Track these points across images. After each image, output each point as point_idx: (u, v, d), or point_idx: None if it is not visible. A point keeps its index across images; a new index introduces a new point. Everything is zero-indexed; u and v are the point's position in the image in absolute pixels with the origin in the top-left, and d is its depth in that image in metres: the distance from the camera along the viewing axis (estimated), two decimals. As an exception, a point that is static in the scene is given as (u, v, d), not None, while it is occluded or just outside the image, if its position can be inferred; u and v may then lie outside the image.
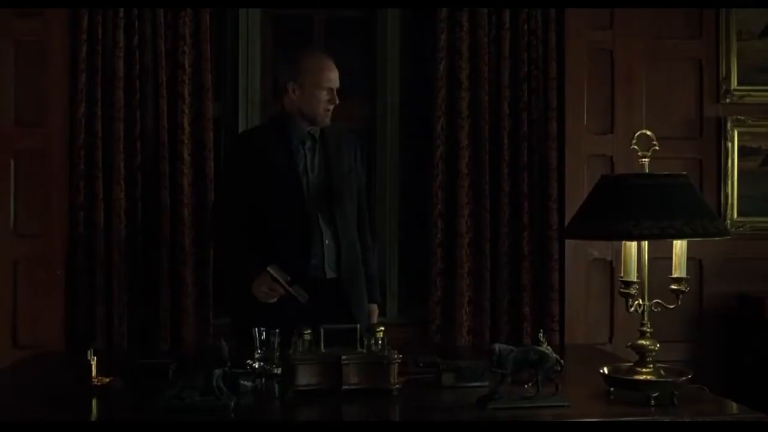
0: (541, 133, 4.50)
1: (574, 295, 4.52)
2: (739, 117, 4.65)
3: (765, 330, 4.31)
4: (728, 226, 4.61)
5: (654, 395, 2.47)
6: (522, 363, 2.50)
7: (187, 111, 4.32)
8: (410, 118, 4.79)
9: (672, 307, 2.49)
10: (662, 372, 2.52)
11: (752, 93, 4.67)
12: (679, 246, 2.45)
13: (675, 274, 2.46)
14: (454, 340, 4.45)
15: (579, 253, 4.50)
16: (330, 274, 3.42)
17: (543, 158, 4.49)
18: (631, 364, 2.56)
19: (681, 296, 2.49)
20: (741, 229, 4.66)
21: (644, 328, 2.50)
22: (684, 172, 2.45)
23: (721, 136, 4.65)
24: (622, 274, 2.48)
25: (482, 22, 4.49)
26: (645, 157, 2.48)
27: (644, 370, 2.51)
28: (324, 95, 3.36)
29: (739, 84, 4.66)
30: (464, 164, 4.45)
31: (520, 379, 2.59)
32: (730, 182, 4.64)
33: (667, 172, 2.47)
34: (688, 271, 3.97)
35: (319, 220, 3.39)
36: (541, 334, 2.66)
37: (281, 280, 3.24)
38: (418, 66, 4.77)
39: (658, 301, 2.49)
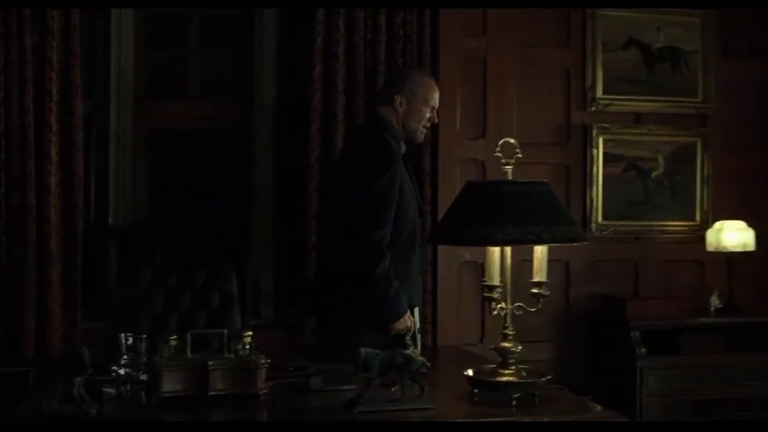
0: (416, 137, 4.56)
1: (446, 297, 4.60)
2: (603, 125, 4.83)
3: (625, 330, 4.48)
4: (593, 230, 4.80)
5: (516, 396, 2.55)
6: (388, 366, 2.53)
7: (54, 108, 4.19)
8: (286, 119, 4.78)
9: (533, 310, 2.57)
10: (524, 373, 2.60)
11: (616, 102, 4.86)
12: (540, 251, 2.53)
13: (536, 279, 2.55)
14: (328, 342, 4.45)
15: (451, 255, 4.58)
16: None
17: (416, 162, 4.55)
18: (495, 365, 2.62)
19: (542, 299, 2.57)
20: (605, 232, 4.84)
21: (507, 331, 2.58)
22: (545, 180, 2.53)
23: (587, 142, 4.82)
24: (485, 279, 2.55)
25: (358, 25, 4.52)
26: (508, 164, 2.55)
27: (506, 371, 2.58)
28: (426, 113, 3.47)
29: (604, 93, 4.85)
30: (339, 167, 4.47)
31: (388, 381, 2.62)
32: (595, 187, 4.82)
33: (529, 180, 2.54)
34: (555, 274, 4.13)
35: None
36: (407, 338, 2.70)
37: (416, 323, 3.30)
38: (294, 68, 4.76)
39: (520, 304, 2.57)
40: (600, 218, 4.83)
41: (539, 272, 2.54)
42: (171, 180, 4.95)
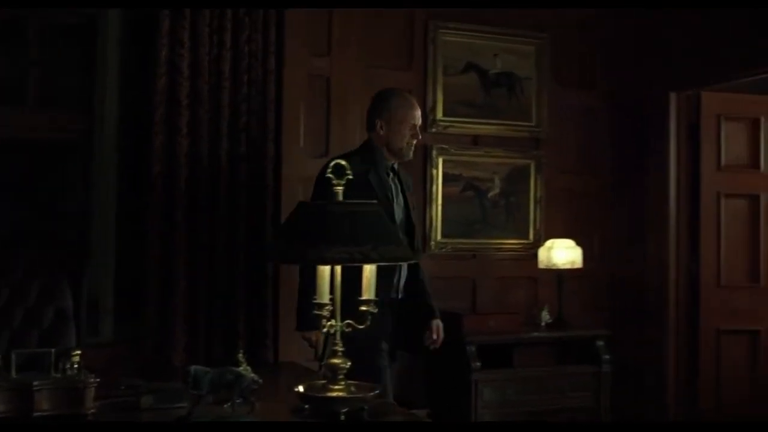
0: (258, 154, 4.59)
1: (287, 312, 4.62)
2: (443, 146, 5.01)
3: (462, 344, 4.65)
4: (432, 248, 4.97)
5: (344, 411, 2.61)
6: (218, 383, 2.55)
7: None
8: (129, 133, 4.71)
9: (362, 327, 2.64)
10: (353, 388, 2.66)
11: (455, 124, 5.05)
12: (369, 270, 2.61)
13: (364, 296, 2.62)
14: (171, 358, 4.42)
15: (293, 270, 4.61)
16: (399, 295, 3.76)
17: (260, 179, 4.58)
18: (325, 381, 2.68)
19: (371, 317, 2.65)
20: (444, 250, 5.01)
21: (336, 348, 2.63)
22: (374, 201, 2.62)
23: (427, 162, 4.98)
24: (316, 297, 2.60)
25: (204, 40, 4.51)
26: (339, 185, 2.62)
27: (336, 387, 2.63)
28: (408, 131, 3.73)
29: (444, 115, 5.03)
30: (182, 182, 4.44)
31: (220, 399, 2.64)
32: (435, 206, 4.99)
33: (358, 201, 2.62)
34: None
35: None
36: (240, 354, 2.73)
37: (328, 350, 3.00)
38: (138, 81, 4.70)
39: (350, 321, 2.63)
40: (439, 236, 5.00)
41: (368, 290, 2.61)
42: (5, 192, 4.78)
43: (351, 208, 2.56)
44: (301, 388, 2.70)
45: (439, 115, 5.01)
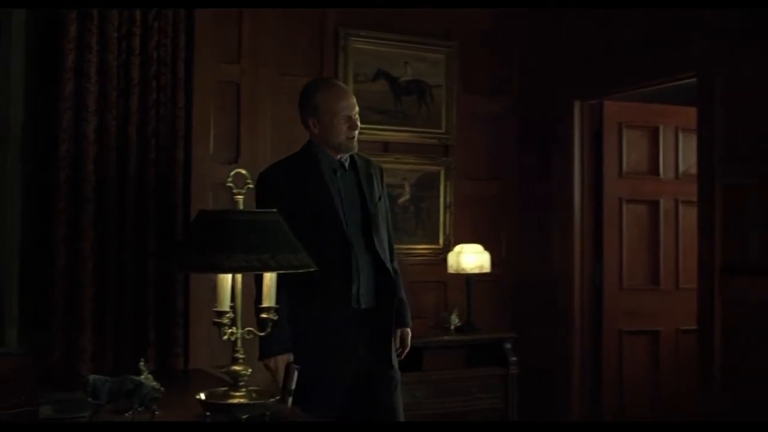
0: (168, 160, 4.57)
1: (198, 319, 4.62)
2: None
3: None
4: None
5: (245, 417, 2.64)
6: (117, 392, 2.56)
7: None
8: (35, 139, 4.64)
9: (262, 335, 2.68)
10: (254, 395, 2.70)
11: (366, 131, 5.03)
12: (269, 278, 2.64)
13: (265, 304, 2.65)
14: (78, 367, 4.36)
15: (202, 278, 4.61)
16: (366, 304, 3.41)
17: (170, 185, 4.56)
18: (226, 388, 2.70)
19: (271, 323, 2.68)
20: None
21: (237, 355, 2.66)
22: (274, 209, 2.65)
23: (338, 169, 5.02)
24: (216, 305, 2.63)
25: (112, 46, 4.47)
26: (240, 194, 2.65)
27: (237, 394, 2.66)
28: (343, 124, 3.42)
29: (355, 121, 5.06)
30: (90, 188, 4.39)
31: (121, 408, 2.65)
32: (346, 212, 5.02)
33: (258, 210, 2.65)
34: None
35: (354, 248, 3.37)
36: (141, 363, 2.74)
37: (289, 381, 2.97)
38: (44, 86, 4.63)
39: (251, 329, 2.67)
40: (350, 242, 5.03)
41: (268, 298, 2.65)
42: None
43: (250, 217, 2.59)
44: (202, 396, 2.72)
45: (351, 120, 5.05)
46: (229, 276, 2.62)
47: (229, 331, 2.64)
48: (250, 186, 2.69)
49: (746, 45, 4.19)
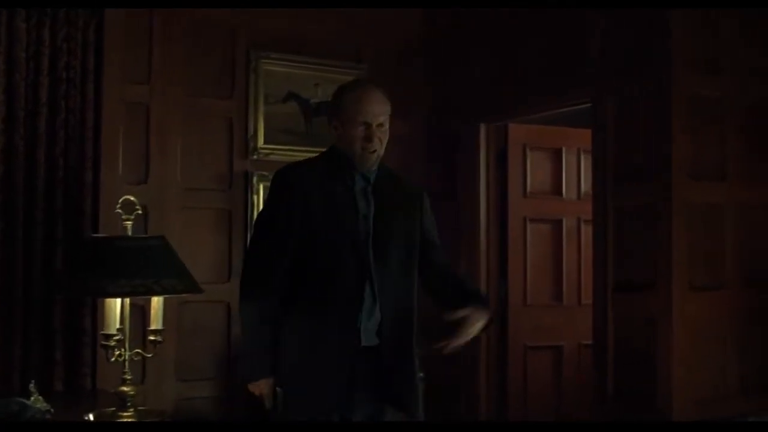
0: (76, 181, 4.60)
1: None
2: (263, 172, 5.13)
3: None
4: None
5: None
6: (2, 414, 2.60)
7: None
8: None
9: (150, 356, 2.75)
10: (142, 414, 2.77)
11: (276, 151, 5.19)
12: (156, 301, 2.73)
13: (152, 326, 2.73)
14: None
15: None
16: (367, 341, 2.81)
17: (78, 206, 4.59)
18: (115, 408, 2.77)
19: (158, 344, 2.76)
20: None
21: (125, 376, 2.74)
22: (161, 234, 2.73)
23: (248, 189, 5.10)
24: (103, 329, 2.70)
25: (20, 67, 4.50)
26: (128, 220, 2.72)
27: (125, 414, 2.74)
28: (359, 132, 2.81)
29: (265, 143, 5.16)
30: (-3, 207, 4.42)
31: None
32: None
33: (146, 235, 2.73)
34: (216, 316, 4.34)
35: (373, 273, 2.84)
36: (31, 385, 2.79)
37: (277, 404, 2.74)
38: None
39: (139, 350, 2.74)
40: (262, 260, 5.11)
41: (155, 321, 2.73)
42: None
43: (137, 243, 2.67)
44: (91, 416, 2.78)
45: (260, 142, 5.15)
46: (117, 300, 2.69)
47: (117, 353, 2.71)
48: (139, 212, 2.77)
49: (633, 73, 4.39)
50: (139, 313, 4.51)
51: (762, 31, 4.49)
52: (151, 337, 2.75)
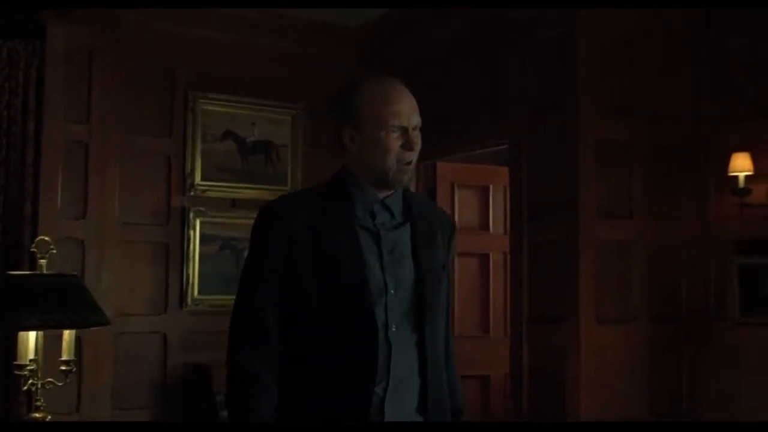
0: (16, 215, 4.77)
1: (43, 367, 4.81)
2: (200, 208, 5.34)
3: (211, 395, 4.96)
4: (189, 304, 5.27)
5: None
6: None
7: None
8: None
9: (61, 384, 2.93)
10: (55, 441, 2.94)
11: (213, 188, 5.40)
12: (68, 334, 2.91)
13: (64, 357, 2.91)
14: None
15: (46, 329, 4.81)
16: (393, 415, 2.12)
17: (17, 239, 4.76)
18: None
19: (69, 374, 2.94)
20: (200, 306, 5.31)
21: (38, 403, 2.91)
22: (75, 273, 2.92)
23: (185, 224, 5.29)
24: (17, 359, 2.88)
25: (-41, 105, 4.69)
26: (43, 258, 2.91)
27: (39, 440, 2.91)
28: (394, 140, 2.12)
29: (202, 179, 5.37)
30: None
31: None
32: (192, 264, 5.29)
33: (59, 272, 2.92)
34: (153, 346, 4.50)
35: (390, 336, 2.10)
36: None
37: None
38: None
39: (51, 380, 2.92)
40: (196, 293, 5.30)
41: (67, 352, 2.91)
42: None
43: (51, 280, 2.86)
44: (6, 443, 2.94)
45: (198, 179, 5.34)
46: (31, 333, 2.88)
47: (30, 381, 2.89)
48: (54, 251, 2.95)
49: (546, 117, 4.66)
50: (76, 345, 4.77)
51: (673, 79, 4.78)
52: (63, 367, 2.92)
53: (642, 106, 4.69)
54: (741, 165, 4.47)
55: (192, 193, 5.34)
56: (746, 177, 4.47)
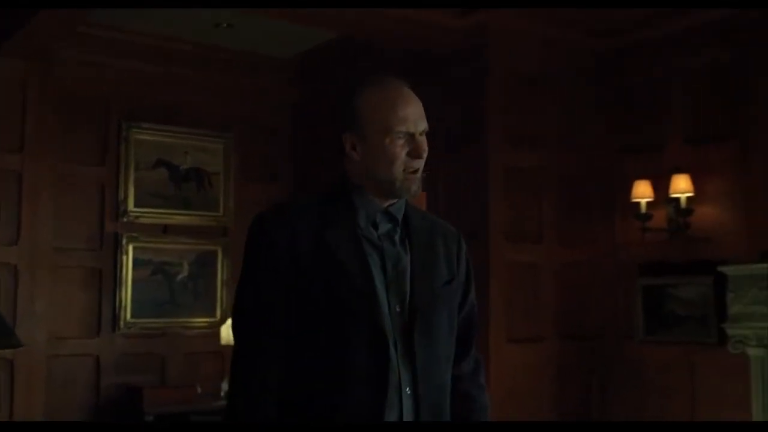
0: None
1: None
2: (133, 234, 5.51)
3: (141, 415, 5.11)
4: (122, 327, 5.42)
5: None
6: None
7: None
8: None
9: None
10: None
11: (146, 214, 5.57)
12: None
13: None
14: None
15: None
16: None
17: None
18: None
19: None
20: (132, 329, 5.47)
21: (-46, 423, 3.06)
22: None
23: (118, 249, 5.46)
24: None
25: None
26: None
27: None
28: (400, 147, 1.98)
29: (135, 206, 5.54)
30: None
31: None
32: (124, 288, 5.45)
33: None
34: (86, 368, 4.64)
35: (396, 353, 1.95)
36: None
37: None
38: None
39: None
40: (129, 316, 5.46)
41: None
42: None
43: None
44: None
45: (131, 206, 5.52)
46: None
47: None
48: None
49: (461, 147, 4.90)
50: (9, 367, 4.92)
51: (579, 112, 5.05)
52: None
53: (550, 137, 4.96)
54: (642, 192, 4.75)
55: (125, 220, 5.51)
56: (647, 203, 4.75)
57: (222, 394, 5.54)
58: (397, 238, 2.01)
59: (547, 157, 4.95)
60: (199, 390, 5.46)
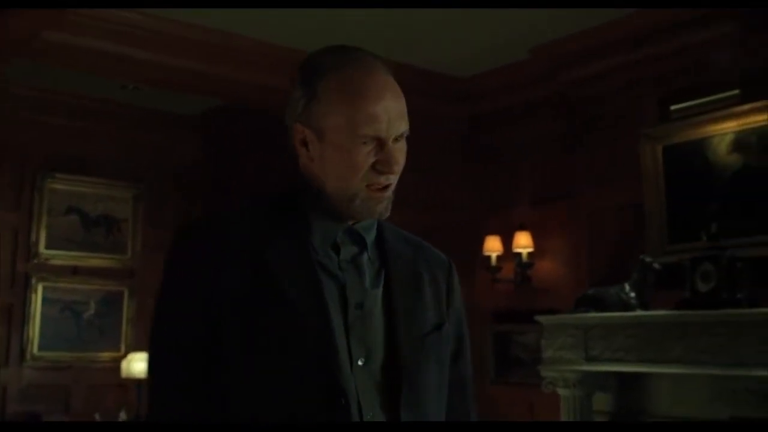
0: None
1: None
2: (44, 274, 6.01)
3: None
4: (29, 360, 5.89)
5: None
6: None
7: None
8: None
9: None
10: None
11: (57, 257, 6.08)
12: None
13: None
14: None
15: None
16: None
17: None
18: None
19: None
20: (40, 362, 5.95)
21: None
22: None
23: (27, 287, 5.95)
24: None
25: None
26: None
27: None
28: (364, 153, 1.45)
29: (46, 248, 6.05)
30: None
31: None
32: (32, 324, 5.94)
33: None
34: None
35: (361, 411, 1.44)
36: None
37: None
38: None
39: None
40: (36, 350, 5.94)
41: None
42: None
43: None
44: None
45: (42, 248, 6.02)
46: None
47: None
48: None
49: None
50: None
51: (444, 173, 5.64)
52: None
53: (416, 196, 5.51)
54: (492, 246, 5.33)
55: (35, 261, 6.01)
56: (497, 257, 5.32)
57: (119, 421, 6.02)
58: (365, 266, 1.49)
59: (411, 214, 5.46)
60: (97, 418, 5.92)
